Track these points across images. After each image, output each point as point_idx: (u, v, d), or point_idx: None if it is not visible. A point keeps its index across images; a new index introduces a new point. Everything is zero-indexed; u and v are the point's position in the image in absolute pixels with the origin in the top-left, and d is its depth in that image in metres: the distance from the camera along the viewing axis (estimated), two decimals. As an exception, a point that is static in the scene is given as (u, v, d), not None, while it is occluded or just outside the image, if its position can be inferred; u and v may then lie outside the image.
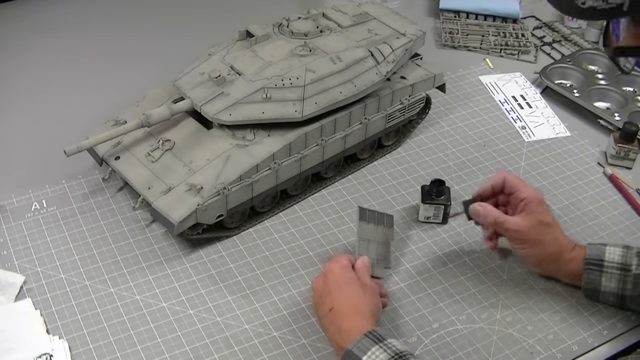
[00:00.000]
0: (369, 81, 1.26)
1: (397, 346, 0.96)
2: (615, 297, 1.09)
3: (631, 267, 1.07)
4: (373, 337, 0.96)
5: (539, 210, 1.10)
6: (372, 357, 0.95)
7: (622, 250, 1.09)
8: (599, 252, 1.09)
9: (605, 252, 1.09)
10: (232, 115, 1.19)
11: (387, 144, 1.40)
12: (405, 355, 0.95)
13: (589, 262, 1.09)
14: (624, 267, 1.07)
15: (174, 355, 1.04)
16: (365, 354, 0.95)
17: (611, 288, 1.09)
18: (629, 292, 1.08)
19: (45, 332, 1.05)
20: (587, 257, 1.09)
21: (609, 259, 1.08)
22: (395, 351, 0.95)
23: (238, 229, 1.23)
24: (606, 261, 1.08)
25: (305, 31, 1.31)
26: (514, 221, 1.10)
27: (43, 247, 1.18)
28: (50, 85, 1.53)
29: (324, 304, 1.03)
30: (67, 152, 1.16)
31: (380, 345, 0.95)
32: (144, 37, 1.68)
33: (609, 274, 1.08)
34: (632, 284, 1.07)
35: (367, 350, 0.95)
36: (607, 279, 1.08)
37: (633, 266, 1.07)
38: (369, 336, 0.97)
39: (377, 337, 0.97)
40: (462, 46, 1.71)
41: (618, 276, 1.08)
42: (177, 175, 1.17)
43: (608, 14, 0.71)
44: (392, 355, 0.94)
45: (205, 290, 1.13)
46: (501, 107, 1.53)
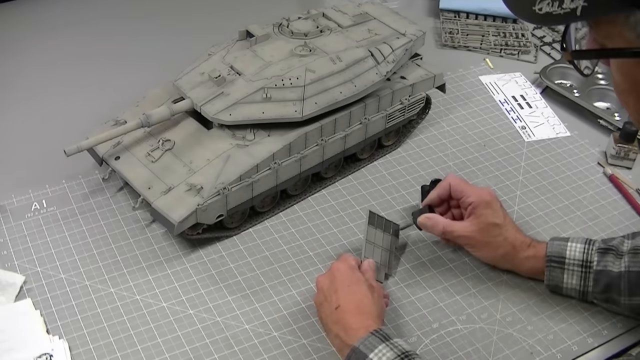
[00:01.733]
0: (369, 81, 1.26)
1: (403, 345, 0.96)
2: (577, 292, 1.11)
3: (592, 264, 1.08)
4: (380, 336, 0.97)
5: (487, 212, 1.12)
6: (378, 354, 0.95)
7: (583, 246, 1.09)
8: (559, 249, 1.10)
9: (567, 249, 1.10)
10: (232, 115, 1.19)
11: (387, 144, 1.40)
12: (411, 355, 0.95)
13: (550, 259, 1.10)
14: (585, 264, 1.08)
15: (174, 355, 1.04)
16: (372, 352, 0.95)
17: (573, 285, 1.10)
18: (591, 288, 1.09)
19: (45, 332, 1.05)
20: (548, 254, 1.10)
21: (570, 256, 1.09)
22: (401, 350, 0.95)
23: (238, 229, 1.23)
24: (567, 258, 1.09)
25: (305, 31, 1.31)
26: (461, 227, 1.13)
27: (43, 247, 1.18)
28: (50, 85, 1.53)
29: (329, 301, 1.03)
30: (67, 152, 1.16)
31: (387, 344, 0.96)
32: (144, 37, 1.68)
33: (570, 271, 1.09)
34: (594, 281, 1.08)
35: (374, 348, 0.95)
36: (569, 275, 1.09)
37: (594, 263, 1.08)
38: (376, 334, 0.97)
39: (384, 335, 0.97)
40: (462, 46, 1.71)
41: (579, 273, 1.09)
42: (177, 175, 1.17)
43: (563, 19, 0.72)
44: (398, 354, 0.94)
45: (205, 290, 1.13)
46: (501, 107, 1.54)
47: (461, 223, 1.14)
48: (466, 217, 1.14)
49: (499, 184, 1.34)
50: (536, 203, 1.31)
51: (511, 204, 1.30)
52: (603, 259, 1.08)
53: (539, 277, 1.13)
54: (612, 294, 1.08)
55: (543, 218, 1.28)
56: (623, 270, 1.06)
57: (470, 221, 1.13)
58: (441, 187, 1.17)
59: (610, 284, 1.07)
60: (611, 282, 1.07)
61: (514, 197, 1.32)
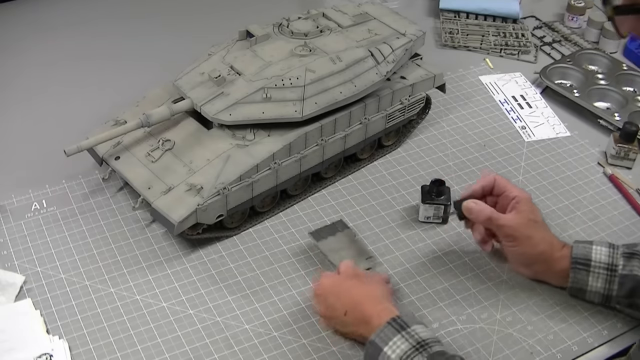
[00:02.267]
0: (369, 81, 1.26)
1: (420, 334, 0.95)
2: (600, 296, 1.10)
3: (617, 268, 1.07)
4: (396, 326, 0.96)
5: (529, 208, 1.12)
6: (392, 347, 0.95)
7: (608, 249, 1.09)
8: (585, 251, 1.09)
9: (592, 251, 1.09)
10: (232, 115, 1.19)
11: (387, 144, 1.40)
12: (428, 344, 0.94)
13: (576, 261, 1.09)
14: (611, 268, 1.08)
15: (174, 355, 1.04)
16: (387, 345, 0.95)
17: (597, 288, 1.09)
18: (615, 292, 1.08)
19: (45, 332, 1.05)
20: (573, 256, 1.09)
21: (596, 259, 1.08)
22: (417, 340, 0.94)
23: (238, 229, 1.23)
24: (593, 261, 1.08)
25: (305, 31, 1.31)
26: (506, 218, 1.11)
27: (43, 247, 1.18)
28: (50, 85, 1.53)
29: (336, 310, 1.04)
30: (67, 152, 1.16)
31: (403, 334, 0.95)
32: (144, 37, 1.68)
33: (595, 273, 1.08)
34: (618, 284, 1.08)
35: (389, 340, 0.95)
36: (594, 278, 1.08)
37: (619, 267, 1.07)
38: (392, 324, 0.97)
39: (401, 324, 0.96)
40: (462, 46, 1.71)
41: (605, 276, 1.08)
42: (177, 175, 1.17)
43: None
44: (413, 344, 0.94)
45: (205, 290, 1.13)
46: (501, 107, 1.53)
47: (506, 214, 1.12)
48: (508, 210, 1.12)
49: (499, 184, 1.34)
50: (536, 203, 1.29)
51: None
52: (629, 263, 1.07)
53: (563, 284, 1.12)
54: (637, 298, 1.07)
55: (543, 218, 1.28)
56: None
57: (513, 214, 1.11)
58: (486, 180, 1.15)
59: (636, 288, 1.06)
60: (636, 287, 1.06)
61: (514, 197, 1.32)
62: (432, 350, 0.94)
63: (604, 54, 1.66)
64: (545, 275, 1.14)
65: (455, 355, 0.94)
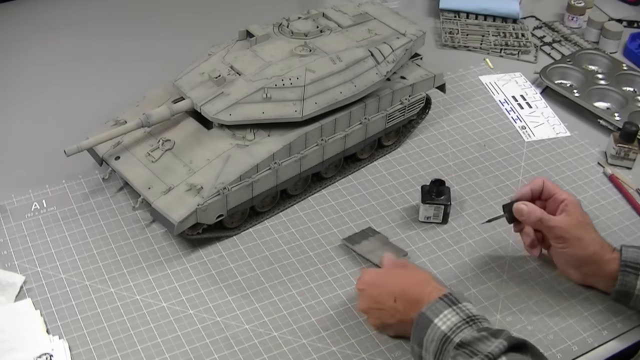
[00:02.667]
0: (369, 81, 1.26)
1: (471, 310, 0.96)
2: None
3: None
4: (448, 300, 0.97)
5: (579, 211, 1.11)
6: (443, 319, 0.95)
7: None
8: (636, 255, 1.09)
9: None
10: (232, 115, 1.19)
11: (387, 144, 1.40)
12: (478, 319, 0.95)
13: (626, 264, 1.08)
14: None
15: (174, 355, 1.04)
16: (437, 317, 0.96)
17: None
18: None
19: (45, 332, 1.05)
20: (623, 259, 1.09)
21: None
22: (467, 314, 0.95)
23: (238, 229, 1.23)
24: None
25: (305, 31, 1.31)
26: (557, 219, 1.11)
27: (43, 247, 1.18)
28: (50, 85, 1.53)
29: (384, 300, 1.04)
30: (67, 152, 1.16)
31: (454, 308, 0.96)
32: (144, 37, 1.68)
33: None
34: None
35: (440, 313, 0.96)
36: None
37: None
38: (444, 299, 0.97)
39: (452, 300, 0.97)
40: (462, 46, 1.71)
41: None
42: (177, 175, 1.18)
43: None
44: (463, 318, 0.95)
45: (205, 290, 1.13)
46: (501, 107, 1.53)
47: (557, 216, 1.12)
48: (558, 213, 1.12)
49: (499, 184, 1.34)
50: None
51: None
52: None
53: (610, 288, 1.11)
54: None
55: (543, 218, 1.28)
56: None
57: (564, 216, 1.11)
58: (534, 183, 1.15)
59: None
60: None
61: (514, 197, 1.32)
62: (482, 325, 0.95)
63: (604, 54, 1.66)
64: (593, 278, 1.13)
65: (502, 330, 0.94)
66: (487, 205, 1.30)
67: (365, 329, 1.08)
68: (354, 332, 1.08)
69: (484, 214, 1.27)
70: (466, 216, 1.27)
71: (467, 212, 1.28)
